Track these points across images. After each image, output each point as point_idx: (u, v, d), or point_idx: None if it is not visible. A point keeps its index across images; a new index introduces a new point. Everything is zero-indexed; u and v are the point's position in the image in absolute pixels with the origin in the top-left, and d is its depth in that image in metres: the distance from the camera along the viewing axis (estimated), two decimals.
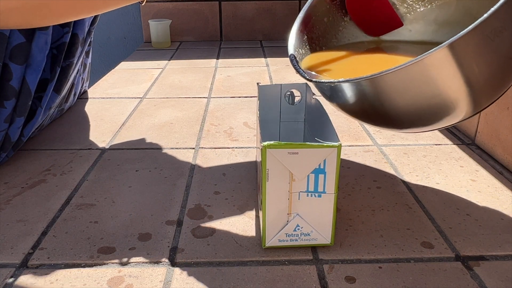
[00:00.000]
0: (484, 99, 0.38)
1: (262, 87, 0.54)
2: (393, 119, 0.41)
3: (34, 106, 0.63)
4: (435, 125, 0.41)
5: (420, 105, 0.38)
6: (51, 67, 0.64)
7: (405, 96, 0.38)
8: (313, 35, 0.52)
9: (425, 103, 0.38)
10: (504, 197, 0.51)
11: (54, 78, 0.64)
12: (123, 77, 1.02)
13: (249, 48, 1.33)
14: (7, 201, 0.50)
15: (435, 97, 0.36)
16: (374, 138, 0.67)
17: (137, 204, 0.50)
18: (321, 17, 0.53)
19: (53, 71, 0.64)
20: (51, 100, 0.65)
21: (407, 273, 0.39)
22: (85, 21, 0.68)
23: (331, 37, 0.54)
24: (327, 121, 0.44)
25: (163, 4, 1.39)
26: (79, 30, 0.67)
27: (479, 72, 0.35)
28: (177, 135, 0.69)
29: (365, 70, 0.41)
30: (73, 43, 0.67)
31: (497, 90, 0.38)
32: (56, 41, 0.63)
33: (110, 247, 0.42)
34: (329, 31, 0.54)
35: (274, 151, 0.37)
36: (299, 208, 0.40)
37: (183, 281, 0.38)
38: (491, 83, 0.37)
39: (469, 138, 0.67)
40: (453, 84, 0.35)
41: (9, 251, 0.42)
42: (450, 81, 0.35)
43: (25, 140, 0.62)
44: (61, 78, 0.66)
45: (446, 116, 0.39)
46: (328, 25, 0.53)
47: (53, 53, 0.63)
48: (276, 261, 0.40)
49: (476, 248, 0.42)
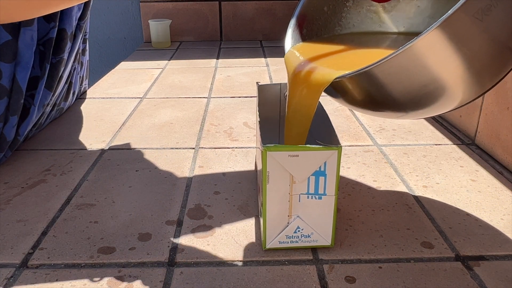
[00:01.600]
0: (485, 80, 0.37)
1: (261, 86, 0.54)
2: (395, 103, 0.40)
3: (28, 104, 0.62)
4: (437, 108, 0.40)
5: (417, 90, 0.37)
6: (40, 64, 0.63)
7: (403, 83, 0.37)
8: (313, 27, 0.51)
9: (421, 88, 0.37)
10: (504, 197, 0.51)
11: (45, 75, 0.64)
12: (123, 77, 1.02)
13: (249, 48, 1.33)
14: (7, 201, 0.50)
15: (432, 82, 0.36)
16: (374, 138, 0.67)
17: (137, 204, 0.50)
18: (320, 7, 0.52)
19: (42, 68, 0.63)
20: (44, 98, 0.65)
21: (407, 273, 0.39)
22: (72, 15, 0.67)
23: (334, 25, 0.53)
24: (327, 122, 0.44)
25: (163, 4, 1.39)
26: (67, 25, 0.66)
27: (472, 56, 0.34)
28: (177, 135, 0.69)
29: (364, 61, 0.40)
30: (61, 39, 0.66)
31: (497, 71, 0.36)
32: (43, 37, 0.62)
33: (110, 247, 0.42)
34: (331, 19, 0.53)
35: (274, 154, 0.37)
36: (300, 210, 0.40)
37: (183, 281, 0.38)
38: (488, 64, 0.35)
39: (469, 138, 0.67)
40: (446, 69, 0.34)
41: (9, 251, 0.42)
42: (443, 66, 0.34)
43: (22, 139, 0.62)
44: (52, 75, 0.66)
45: (443, 100, 0.38)
46: (330, 14, 0.52)
47: (40, 49, 0.63)
48: (276, 261, 0.40)
49: (476, 248, 0.42)
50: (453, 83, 0.36)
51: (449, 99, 0.38)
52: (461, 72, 0.35)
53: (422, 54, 0.33)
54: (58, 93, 0.71)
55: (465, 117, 0.68)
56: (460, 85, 0.36)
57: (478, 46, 0.33)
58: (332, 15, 0.53)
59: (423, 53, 0.33)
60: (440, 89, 0.36)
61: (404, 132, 0.69)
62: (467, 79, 0.36)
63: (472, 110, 0.66)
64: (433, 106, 0.39)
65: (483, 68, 0.35)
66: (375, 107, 0.41)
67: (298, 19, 0.51)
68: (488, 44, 0.33)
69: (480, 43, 0.33)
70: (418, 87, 0.36)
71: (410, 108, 0.39)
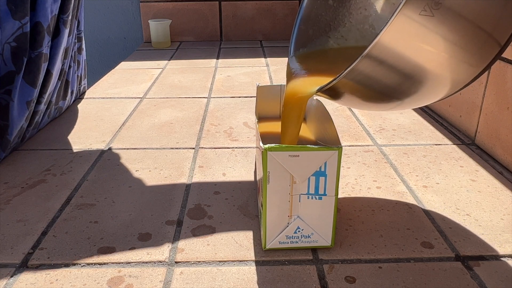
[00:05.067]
0: (469, 65, 0.36)
1: (261, 87, 0.54)
2: (385, 94, 0.40)
3: (4, 101, 0.61)
4: (430, 95, 0.39)
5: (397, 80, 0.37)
6: (13, 59, 0.62)
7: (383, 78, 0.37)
8: (320, 24, 0.51)
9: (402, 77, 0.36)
10: (504, 197, 0.51)
11: (21, 69, 0.62)
12: (123, 77, 1.02)
13: (249, 48, 1.33)
14: (7, 201, 0.50)
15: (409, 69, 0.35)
16: (374, 138, 0.67)
17: (137, 204, 0.50)
18: (325, 1, 0.51)
19: (17, 63, 0.62)
20: (27, 94, 0.63)
21: (407, 273, 0.39)
22: (46, 7, 0.65)
23: (343, 17, 0.52)
24: (329, 122, 0.44)
25: (163, 4, 1.39)
26: (41, 17, 0.65)
27: (437, 52, 0.33)
28: (177, 135, 0.69)
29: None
30: (38, 32, 0.64)
31: (475, 59, 0.36)
32: (13, 34, 0.61)
33: (110, 247, 0.42)
34: (340, 11, 0.52)
35: (275, 154, 0.37)
36: (300, 210, 0.40)
37: (183, 281, 0.38)
38: (458, 56, 0.35)
39: (469, 138, 0.67)
40: (420, 59, 0.34)
41: (9, 251, 0.42)
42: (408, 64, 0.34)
43: (12, 138, 0.61)
44: (33, 70, 0.64)
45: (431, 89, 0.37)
46: (335, 5, 0.52)
47: (11, 45, 0.61)
48: (276, 261, 0.40)
49: (476, 248, 0.42)
50: (433, 70, 0.35)
51: (436, 85, 0.37)
52: (437, 62, 0.34)
53: (386, 54, 0.33)
54: (51, 91, 0.70)
55: (465, 117, 0.68)
56: (444, 70, 0.36)
57: (441, 37, 0.33)
58: (339, 4, 0.52)
59: (386, 53, 0.33)
60: (421, 75, 0.36)
61: (404, 132, 0.69)
62: (447, 66, 0.35)
63: (472, 110, 0.66)
64: (424, 92, 0.38)
65: (460, 56, 0.35)
66: (370, 100, 0.41)
67: (302, 18, 0.51)
68: (453, 33, 0.33)
69: (443, 34, 0.32)
70: (399, 77, 0.36)
71: (402, 96, 0.39)
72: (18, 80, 0.62)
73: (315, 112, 0.50)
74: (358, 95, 0.39)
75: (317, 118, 0.49)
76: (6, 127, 0.60)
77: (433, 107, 0.79)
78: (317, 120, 0.49)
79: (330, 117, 0.44)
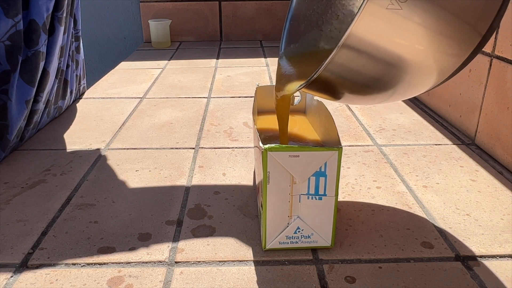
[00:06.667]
0: (451, 53, 0.36)
1: (261, 88, 0.54)
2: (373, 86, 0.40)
3: (1, 101, 0.60)
4: (417, 84, 0.39)
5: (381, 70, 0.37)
6: (8, 58, 0.61)
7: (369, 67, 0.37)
8: (312, 18, 0.51)
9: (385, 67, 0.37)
10: (504, 197, 0.51)
11: (16, 68, 0.62)
12: (123, 77, 1.02)
13: (249, 48, 1.33)
14: (7, 201, 0.50)
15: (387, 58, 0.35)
16: (374, 138, 0.67)
17: (137, 204, 0.50)
18: None
19: (12, 62, 0.61)
20: (26, 93, 0.63)
21: (407, 273, 0.39)
22: (41, 4, 0.65)
23: (336, 9, 0.52)
24: (330, 122, 0.44)
25: (163, 4, 1.39)
26: (36, 15, 0.64)
27: (411, 45, 0.33)
28: (177, 135, 0.69)
29: None
30: (33, 30, 0.64)
31: (454, 47, 0.36)
32: (7, 32, 0.60)
33: (110, 247, 0.42)
34: (332, 2, 0.52)
35: (275, 154, 0.37)
36: (300, 211, 0.40)
37: (183, 281, 0.38)
38: (437, 45, 0.35)
39: (469, 138, 0.67)
40: (395, 49, 0.34)
41: (9, 251, 0.42)
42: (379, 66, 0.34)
43: (12, 138, 0.61)
44: (30, 69, 0.64)
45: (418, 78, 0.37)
46: None
47: (5, 44, 0.60)
48: (276, 261, 0.40)
49: (476, 248, 0.42)
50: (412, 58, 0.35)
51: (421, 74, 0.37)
52: (416, 51, 0.34)
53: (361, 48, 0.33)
54: (48, 89, 0.70)
55: (465, 117, 0.68)
56: (424, 58, 0.36)
57: (415, 25, 0.33)
58: None
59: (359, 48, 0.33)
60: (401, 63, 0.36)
61: (404, 132, 0.69)
62: (427, 54, 0.35)
63: (472, 110, 0.66)
64: (411, 81, 0.38)
65: (438, 42, 0.35)
66: (359, 93, 0.41)
67: (293, 15, 0.51)
68: (427, 21, 0.33)
69: (417, 23, 0.32)
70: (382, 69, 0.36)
71: (389, 86, 0.39)
72: (14, 79, 0.62)
73: (317, 112, 0.50)
74: (345, 88, 0.38)
75: (318, 118, 0.49)
76: (5, 127, 0.60)
77: (433, 107, 0.79)
78: (319, 120, 0.49)
79: (331, 117, 0.44)
